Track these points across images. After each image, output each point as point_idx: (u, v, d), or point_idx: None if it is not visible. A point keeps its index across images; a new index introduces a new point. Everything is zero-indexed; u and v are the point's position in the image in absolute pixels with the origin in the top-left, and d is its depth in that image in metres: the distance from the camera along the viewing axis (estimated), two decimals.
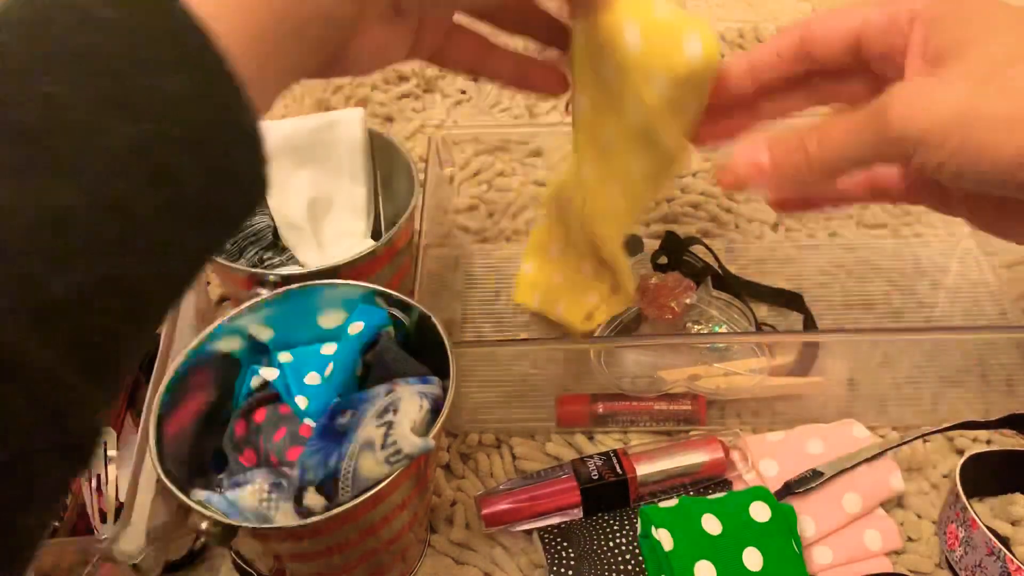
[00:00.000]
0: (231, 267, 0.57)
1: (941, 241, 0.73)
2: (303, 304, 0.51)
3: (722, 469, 0.56)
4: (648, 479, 0.55)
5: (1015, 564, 0.48)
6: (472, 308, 0.70)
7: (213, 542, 0.42)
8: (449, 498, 0.57)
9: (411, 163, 0.63)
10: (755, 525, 0.50)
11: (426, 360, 0.49)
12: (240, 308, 0.50)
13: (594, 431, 0.61)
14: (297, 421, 0.48)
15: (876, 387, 0.61)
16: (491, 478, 0.59)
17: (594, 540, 0.53)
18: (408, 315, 0.51)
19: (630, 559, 0.52)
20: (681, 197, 0.76)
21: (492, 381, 0.62)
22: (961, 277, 0.71)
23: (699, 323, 0.65)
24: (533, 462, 0.59)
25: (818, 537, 0.53)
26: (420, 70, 0.95)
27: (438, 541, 0.55)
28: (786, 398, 0.61)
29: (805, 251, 0.73)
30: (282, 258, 0.65)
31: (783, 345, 0.59)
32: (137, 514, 0.49)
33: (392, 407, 0.43)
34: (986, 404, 0.61)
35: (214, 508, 0.42)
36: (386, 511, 0.44)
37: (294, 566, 0.47)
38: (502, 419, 0.61)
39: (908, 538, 0.55)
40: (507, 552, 0.54)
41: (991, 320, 0.68)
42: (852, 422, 0.58)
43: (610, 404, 0.60)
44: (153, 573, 0.52)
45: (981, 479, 0.55)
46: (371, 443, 0.42)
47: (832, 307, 0.69)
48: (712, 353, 0.59)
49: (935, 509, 0.56)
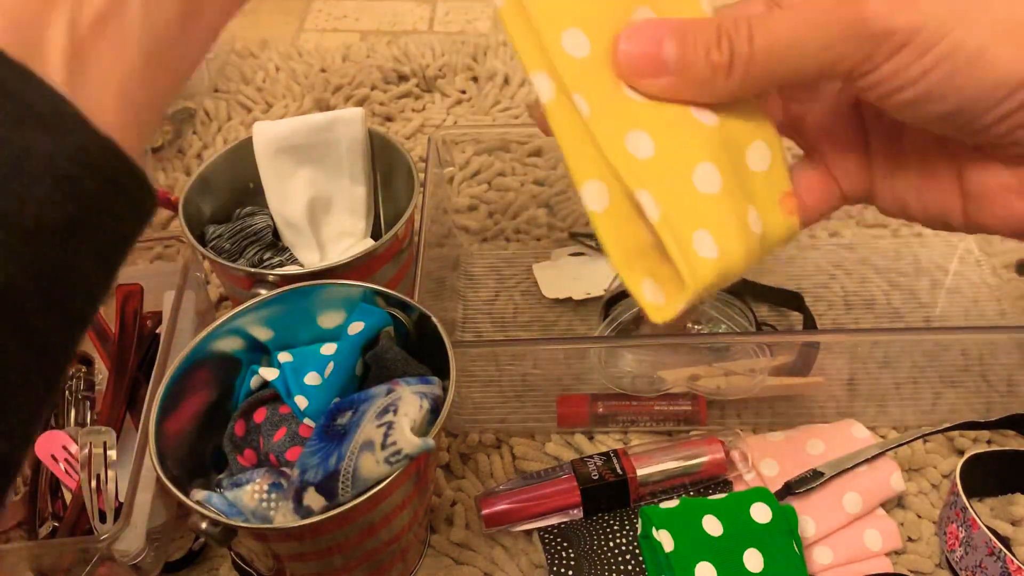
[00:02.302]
0: (231, 267, 0.57)
1: (941, 241, 0.73)
2: (303, 304, 0.51)
3: (722, 469, 0.56)
4: (648, 479, 0.55)
5: (1015, 564, 0.48)
6: (472, 308, 0.70)
7: (213, 542, 0.42)
8: (449, 498, 0.57)
9: (411, 163, 0.63)
10: (756, 526, 0.50)
11: (426, 360, 0.49)
12: (240, 308, 0.50)
13: (594, 431, 0.61)
14: (297, 421, 0.48)
15: (876, 387, 0.61)
16: (491, 478, 0.59)
17: (594, 540, 0.53)
18: (408, 315, 0.51)
19: (630, 559, 0.52)
20: None
21: (492, 381, 0.62)
22: (961, 277, 0.71)
23: (699, 323, 0.65)
24: (533, 462, 0.59)
25: (818, 537, 0.53)
26: (420, 70, 0.95)
27: (438, 541, 0.55)
28: (786, 398, 0.61)
29: (805, 251, 0.73)
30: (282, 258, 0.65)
31: (783, 345, 0.59)
32: (137, 514, 0.49)
33: (392, 407, 0.43)
34: (986, 404, 0.61)
35: (214, 508, 0.42)
36: (386, 511, 0.44)
37: (294, 566, 0.47)
38: (502, 419, 0.61)
39: (908, 538, 0.55)
40: (507, 552, 0.54)
41: (991, 320, 0.68)
42: (852, 422, 0.58)
43: (610, 404, 0.60)
44: (153, 573, 0.52)
45: (981, 479, 0.55)
46: (371, 443, 0.41)
47: (832, 307, 0.69)
48: (712, 353, 0.59)
49: (935, 509, 0.56)
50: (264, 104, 0.93)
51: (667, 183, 0.32)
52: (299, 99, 0.93)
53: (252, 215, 0.66)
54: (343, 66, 0.98)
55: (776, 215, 0.34)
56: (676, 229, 0.32)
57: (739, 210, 0.33)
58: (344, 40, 1.06)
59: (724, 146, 0.33)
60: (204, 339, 0.49)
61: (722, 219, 0.32)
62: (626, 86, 0.33)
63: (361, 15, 1.11)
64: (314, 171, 0.65)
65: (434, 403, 0.44)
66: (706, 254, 0.32)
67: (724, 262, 0.32)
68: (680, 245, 0.32)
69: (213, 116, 0.92)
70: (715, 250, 0.32)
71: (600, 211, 0.33)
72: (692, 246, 0.32)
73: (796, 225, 0.35)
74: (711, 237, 0.32)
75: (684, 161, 0.32)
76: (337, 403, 0.46)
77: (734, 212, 0.33)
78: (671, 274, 0.33)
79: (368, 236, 0.67)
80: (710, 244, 0.32)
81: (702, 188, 0.32)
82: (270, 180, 0.64)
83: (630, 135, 0.32)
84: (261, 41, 1.04)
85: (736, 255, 0.33)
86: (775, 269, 0.71)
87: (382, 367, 0.48)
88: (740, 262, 0.33)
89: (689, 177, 0.32)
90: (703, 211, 0.32)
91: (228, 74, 0.98)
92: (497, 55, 0.98)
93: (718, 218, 0.32)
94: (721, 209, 0.32)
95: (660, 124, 0.32)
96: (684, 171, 0.32)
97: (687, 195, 0.32)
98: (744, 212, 0.33)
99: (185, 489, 0.43)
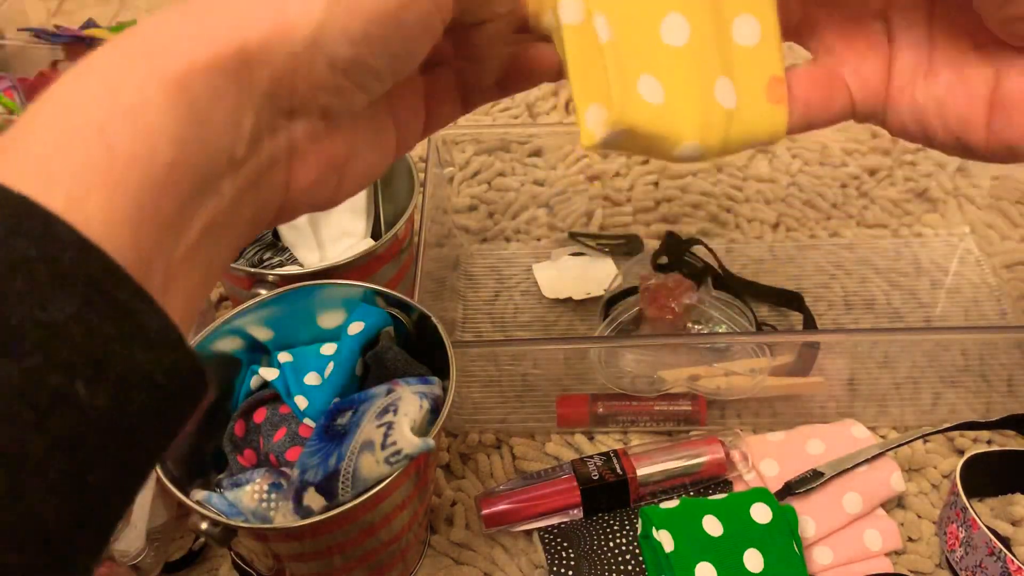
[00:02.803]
0: (231, 267, 0.57)
1: (941, 241, 0.73)
2: (303, 304, 0.51)
3: (722, 469, 0.56)
4: (648, 479, 0.55)
5: (1015, 564, 0.48)
6: (472, 308, 0.70)
7: (213, 542, 0.42)
8: (449, 498, 0.57)
9: (411, 163, 0.63)
10: (756, 527, 0.50)
11: (426, 360, 0.49)
12: (240, 308, 0.50)
13: (594, 431, 0.61)
14: (297, 421, 0.48)
15: (876, 387, 0.61)
16: (491, 478, 0.59)
17: (594, 540, 0.53)
18: (408, 315, 0.51)
19: (630, 559, 0.52)
20: (681, 197, 0.76)
21: (492, 381, 0.62)
22: (961, 277, 0.71)
23: (699, 323, 0.65)
24: (533, 462, 0.59)
25: (818, 537, 0.53)
26: None
27: (438, 541, 0.55)
28: (786, 398, 0.61)
29: (805, 251, 0.73)
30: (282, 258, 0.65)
31: (783, 345, 0.59)
32: (137, 514, 0.49)
33: (392, 407, 0.43)
34: (986, 404, 0.61)
35: (214, 508, 0.42)
36: (386, 511, 0.44)
37: (294, 566, 0.47)
38: (502, 419, 0.61)
39: (908, 538, 0.55)
40: (507, 552, 0.54)
41: (991, 320, 0.68)
42: (852, 422, 0.58)
43: (610, 404, 0.60)
44: (153, 573, 0.52)
45: (981, 479, 0.55)
46: (371, 443, 0.41)
47: (832, 307, 0.69)
48: (712, 353, 0.59)
49: (935, 509, 0.56)
50: None
51: (630, 17, 0.30)
52: None
53: None
54: None
55: (759, 100, 0.31)
56: (623, 60, 0.29)
57: (704, 74, 0.30)
58: None
59: (708, 7, 0.30)
60: (204, 339, 0.49)
61: (677, 73, 0.30)
62: None
63: None
64: None
65: (434, 403, 0.44)
66: (648, 98, 0.29)
67: (667, 115, 0.30)
68: (622, 75, 0.29)
69: None
70: (660, 98, 0.29)
71: (573, 23, 0.29)
72: (636, 84, 0.29)
73: (783, 117, 0.32)
74: (660, 86, 0.29)
75: (656, 5, 0.30)
76: (337, 403, 0.46)
77: (698, 71, 0.30)
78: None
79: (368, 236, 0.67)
80: (657, 91, 0.29)
81: (666, 38, 0.30)
82: None
83: None
84: None
85: (686, 115, 0.30)
86: (775, 269, 0.71)
87: (382, 367, 0.48)
88: (690, 127, 0.30)
89: (657, 23, 0.30)
90: (659, 58, 0.30)
91: None
92: None
93: (672, 71, 0.30)
94: (681, 62, 0.30)
95: None
96: (653, 15, 0.30)
97: (647, 37, 0.30)
98: (711, 78, 0.30)
99: (185, 489, 0.43)
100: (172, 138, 0.24)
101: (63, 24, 1.02)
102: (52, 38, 0.98)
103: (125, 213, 0.23)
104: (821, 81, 0.34)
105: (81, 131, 0.23)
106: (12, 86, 0.91)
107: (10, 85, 0.91)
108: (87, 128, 0.23)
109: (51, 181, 0.22)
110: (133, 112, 0.23)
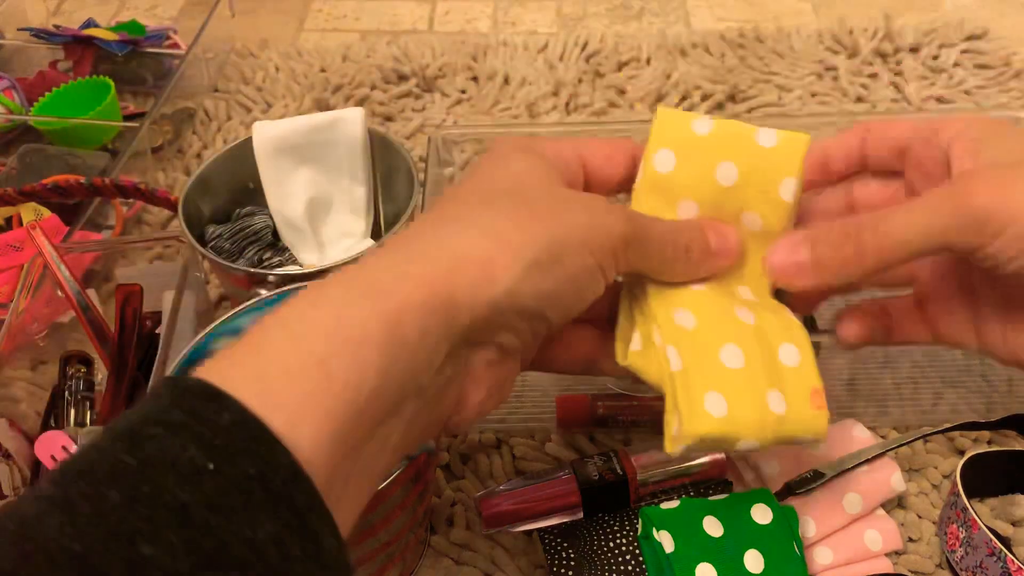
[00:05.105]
0: (230, 267, 0.57)
1: None
2: None
3: (723, 470, 0.56)
4: (648, 479, 0.55)
5: (1016, 565, 0.48)
6: None
7: None
8: (449, 498, 0.57)
9: (411, 163, 0.63)
10: (757, 527, 0.50)
11: None
12: (240, 308, 0.50)
13: (594, 431, 0.61)
14: None
15: (876, 387, 0.61)
16: (491, 478, 0.59)
17: (594, 541, 0.53)
18: None
19: (630, 560, 0.52)
20: None
21: None
22: None
23: None
24: (533, 462, 0.59)
25: (819, 538, 0.53)
26: (420, 69, 0.95)
27: (438, 542, 0.55)
28: None
29: None
30: (281, 258, 0.65)
31: None
32: None
33: None
34: (986, 404, 0.61)
35: None
36: (386, 511, 0.44)
37: None
38: (502, 419, 0.61)
39: (909, 539, 0.55)
40: (507, 553, 0.54)
41: None
42: (852, 422, 0.58)
43: (610, 404, 0.60)
44: None
45: (982, 479, 0.55)
46: None
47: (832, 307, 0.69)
48: None
49: (936, 509, 0.56)
50: (264, 104, 0.93)
51: (696, 348, 0.36)
52: (299, 99, 0.93)
53: (252, 215, 0.66)
54: (343, 66, 0.98)
55: (804, 407, 0.37)
56: (691, 381, 0.36)
57: (758, 388, 0.36)
58: (344, 40, 1.06)
59: (757, 340, 0.37)
60: (204, 339, 0.48)
61: (738, 388, 0.36)
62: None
63: (361, 15, 1.11)
64: (314, 171, 0.65)
65: None
66: (712, 411, 0.35)
67: (729, 423, 0.35)
68: (689, 394, 0.36)
69: (213, 116, 0.92)
70: (723, 410, 0.35)
71: (637, 350, 0.38)
72: (702, 400, 0.35)
73: (824, 420, 0.37)
74: (724, 400, 0.36)
75: (716, 336, 0.37)
76: None
77: (752, 387, 0.36)
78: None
79: (368, 236, 0.67)
80: (720, 405, 0.36)
81: (727, 363, 0.36)
82: (270, 180, 0.64)
83: (678, 312, 0.37)
84: (261, 41, 1.04)
85: (744, 422, 0.36)
86: None
87: None
88: (749, 430, 0.36)
89: (717, 350, 0.36)
90: (721, 378, 0.36)
91: (228, 74, 0.98)
92: (497, 55, 0.99)
93: (734, 387, 0.36)
94: (739, 380, 0.36)
95: (705, 310, 0.38)
96: (714, 344, 0.36)
97: (710, 362, 0.36)
98: (763, 390, 0.36)
99: None
100: (379, 369, 0.27)
101: (63, 24, 1.02)
102: (52, 38, 0.98)
103: (329, 437, 0.26)
104: (910, 315, 0.43)
105: (305, 360, 0.26)
106: (12, 86, 0.91)
107: (9, 85, 0.91)
108: (311, 358, 0.26)
109: (276, 406, 0.25)
110: (354, 344, 0.27)
